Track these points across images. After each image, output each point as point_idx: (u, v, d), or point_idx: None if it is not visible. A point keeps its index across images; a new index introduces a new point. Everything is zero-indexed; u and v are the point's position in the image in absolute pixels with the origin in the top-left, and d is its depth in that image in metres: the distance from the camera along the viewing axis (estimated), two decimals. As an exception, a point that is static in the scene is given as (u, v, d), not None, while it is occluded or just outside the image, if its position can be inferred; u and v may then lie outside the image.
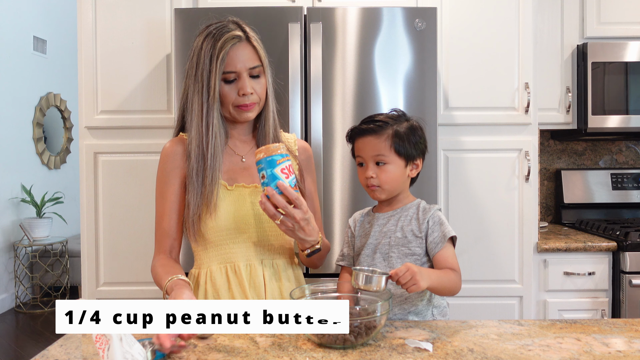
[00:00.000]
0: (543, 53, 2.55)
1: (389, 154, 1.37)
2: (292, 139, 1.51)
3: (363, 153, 1.40)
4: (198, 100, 1.33)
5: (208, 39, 1.32)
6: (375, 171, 1.37)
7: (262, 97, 1.37)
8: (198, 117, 1.33)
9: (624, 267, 2.26)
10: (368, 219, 1.47)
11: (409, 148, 1.38)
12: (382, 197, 1.40)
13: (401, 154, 1.37)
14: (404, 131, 1.38)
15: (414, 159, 1.40)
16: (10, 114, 4.71)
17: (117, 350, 0.90)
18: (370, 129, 1.39)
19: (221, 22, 1.35)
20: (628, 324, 1.25)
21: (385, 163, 1.37)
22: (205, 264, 1.38)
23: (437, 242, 1.36)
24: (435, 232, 1.36)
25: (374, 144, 1.37)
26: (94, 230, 2.22)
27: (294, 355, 1.07)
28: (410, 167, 1.40)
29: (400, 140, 1.37)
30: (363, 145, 1.40)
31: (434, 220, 1.38)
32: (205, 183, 1.32)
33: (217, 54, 1.30)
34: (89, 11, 2.20)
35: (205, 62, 1.31)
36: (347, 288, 1.31)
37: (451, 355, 1.07)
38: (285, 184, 1.24)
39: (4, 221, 4.63)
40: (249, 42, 1.34)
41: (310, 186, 1.51)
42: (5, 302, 4.58)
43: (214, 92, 1.31)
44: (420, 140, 1.41)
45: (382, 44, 2.03)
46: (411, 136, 1.39)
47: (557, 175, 2.90)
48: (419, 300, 1.37)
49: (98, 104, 2.21)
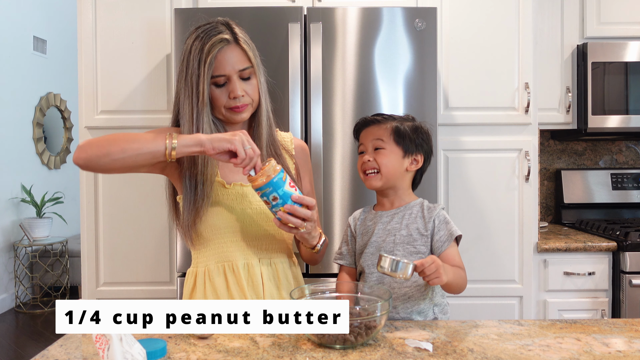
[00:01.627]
0: (543, 53, 2.55)
1: (387, 141, 1.40)
2: (288, 137, 1.51)
3: (364, 140, 1.44)
4: (188, 104, 1.31)
5: (196, 43, 1.31)
6: (373, 155, 1.40)
7: (254, 98, 1.37)
8: (189, 122, 1.31)
9: (624, 267, 2.26)
10: (370, 216, 1.46)
11: (408, 141, 1.41)
12: (378, 184, 1.40)
13: (399, 144, 1.40)
14: (406, 125, 1.42)
15: (413, 153, 1.42)
16: (10, 114, 4.71)
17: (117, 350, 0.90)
18: (374, 119, 1.45)
19: (210, 24, 1.33)
20: (628, 324, 1.25)
21: (383, 148, 1.40)
22: (203, 263, 1.38)
23: (443, 241, 1.36)
24: (442, 230, 1.37)
25: (375, 130, 1.42)
26: (94, 230, 2.22)
27: (294, 355, 1.07)
28: (408, 160, 1.42)
29: (400, 131, 1.40)
30: (365, 134, 1.44)
31: (439, 219, 1.38)
32: (197, 190, 1.31)
33: (205, 58, 1.29)
34: (89, 11, 2.20)
35: (193, 67, 1.30)
36: (347, 288, 1.31)
37: (451, 355, 1.06)
38: (298, 195, 1.25)
39: (4, 221, 4.63)
40: (238, 44, 1.33)
41: (307, 184, 1.52)
42: (5, 302, 4.58)
43: (203, 97, 1.30)
44: (422, 139, 1.43)
45: (382, 44, 2.03)
46: (413, 133, 1.42)
47: (557, 175, 2.90)
48: (422, 299, 1.37)
49: (98, 104, 2.21)
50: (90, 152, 1.18)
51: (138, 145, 1.19)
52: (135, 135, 1.22)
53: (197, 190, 1.31)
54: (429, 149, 1.45)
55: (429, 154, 1.46)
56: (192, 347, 1.12)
